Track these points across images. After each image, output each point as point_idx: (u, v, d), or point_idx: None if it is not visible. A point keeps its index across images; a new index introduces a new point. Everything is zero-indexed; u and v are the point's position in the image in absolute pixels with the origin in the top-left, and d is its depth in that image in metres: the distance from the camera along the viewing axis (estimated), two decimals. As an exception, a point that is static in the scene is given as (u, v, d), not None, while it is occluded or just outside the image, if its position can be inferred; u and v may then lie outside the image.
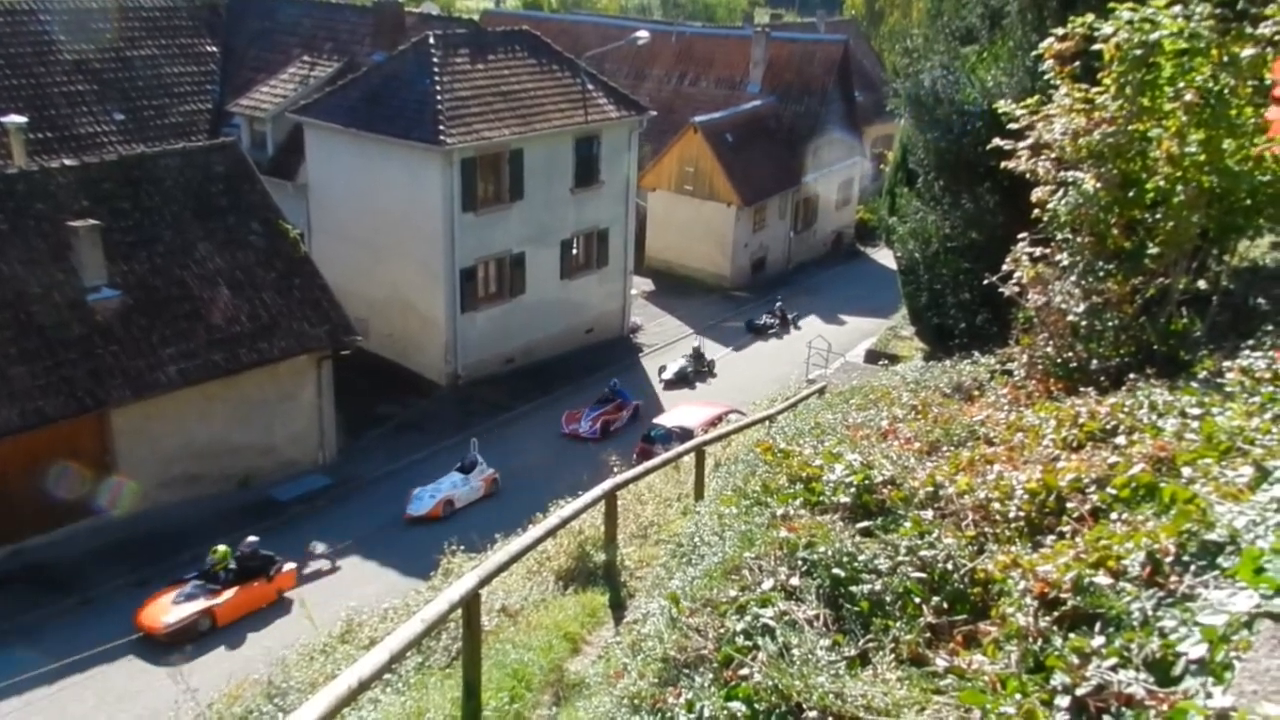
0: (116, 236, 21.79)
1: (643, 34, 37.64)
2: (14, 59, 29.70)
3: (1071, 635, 3.65)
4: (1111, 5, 8.47)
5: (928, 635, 4.19)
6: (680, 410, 26.20)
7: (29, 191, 21.46)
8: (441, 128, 26.73)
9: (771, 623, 4.20)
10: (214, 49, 34.48)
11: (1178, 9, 8.10)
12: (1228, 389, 6.38)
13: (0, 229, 20.66)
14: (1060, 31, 9.03)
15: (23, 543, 19.91)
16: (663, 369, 31.39)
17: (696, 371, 31.29)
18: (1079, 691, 3.27)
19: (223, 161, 24.71)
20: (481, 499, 23.22)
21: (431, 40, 28.58)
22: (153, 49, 32.92)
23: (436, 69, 27.83)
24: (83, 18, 31.87)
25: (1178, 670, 3.19)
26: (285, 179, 30.72)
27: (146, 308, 21.60)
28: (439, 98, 27.28)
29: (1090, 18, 8.62)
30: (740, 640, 4.18)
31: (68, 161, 23.04)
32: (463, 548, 12.89)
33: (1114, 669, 3.30)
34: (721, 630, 4.36)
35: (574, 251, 31.95)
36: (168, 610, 18.09)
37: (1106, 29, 8.36)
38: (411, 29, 32.40)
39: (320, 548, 20.58)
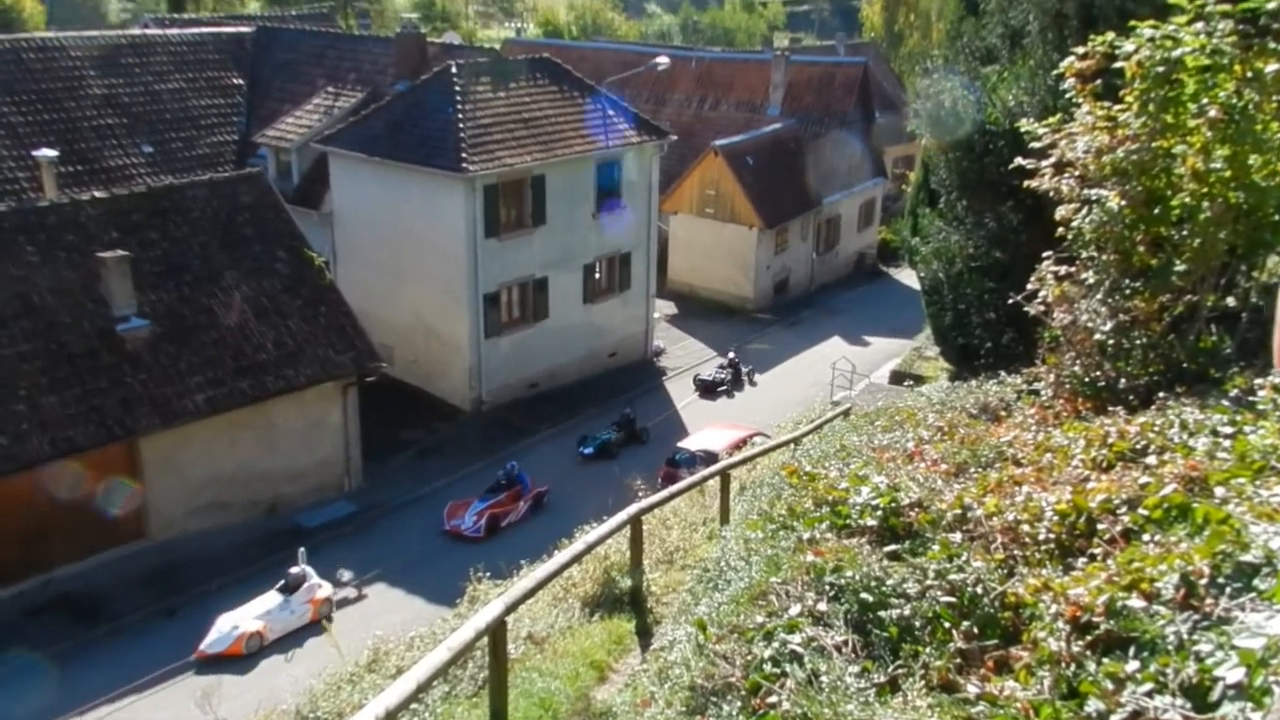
0: (145, 266, 22.10)
1: (663, 60, 37.89)
2: (45, 94, 30.31)
3: (1105, 660, 3.59)
4: (1132, 23, 8.44)
5: (958, 661, 4.13)
6: (705, 433, 26.08)
7: (60, 223, 21.83)
8: (464, 155, 26.98)
9: (799, 649, 4.16)
10: (240, 81, 35.05)
11: (1199, 26, 8.06)
12: (1260, 406, 6.30)
13: (31, 260, 21.01)
14: (1081, 50, 9.00)
15: (53, 572, 20.08)
16: (583, 440, 27.11)
17: (621, 442, 26.95)
18: (1114, 718, 3.22)
19: (249, 191, 25.03)
20: (307, 626, 18.84)
21: (454, 69, 28.90)
22: (180, 82, 33.51)
23: (459, 97, 28.12)
24: (112, 53, 32.53)
25: (1215, 695, 3.14)
26: (310, 208, 31.07)
27: (174, 336, 21.86)
28: (461, 125, 27.54)
29: (1111, 36, 8.60)
30: (768, 667, 4.14)
31: (97, 193, 23.43)
32: (489, 574, 12.88)
33: (1150, 694, 3.25)
34: (749, 657, 4.32)
35: (596, 275, 32.06)
36: None
37: (1128, 47, 8.33)
38: (434, 59, 32.80)
39: (347, 576, 20.53)
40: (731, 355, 33.26)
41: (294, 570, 19.39)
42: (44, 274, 20.99)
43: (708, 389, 31.70)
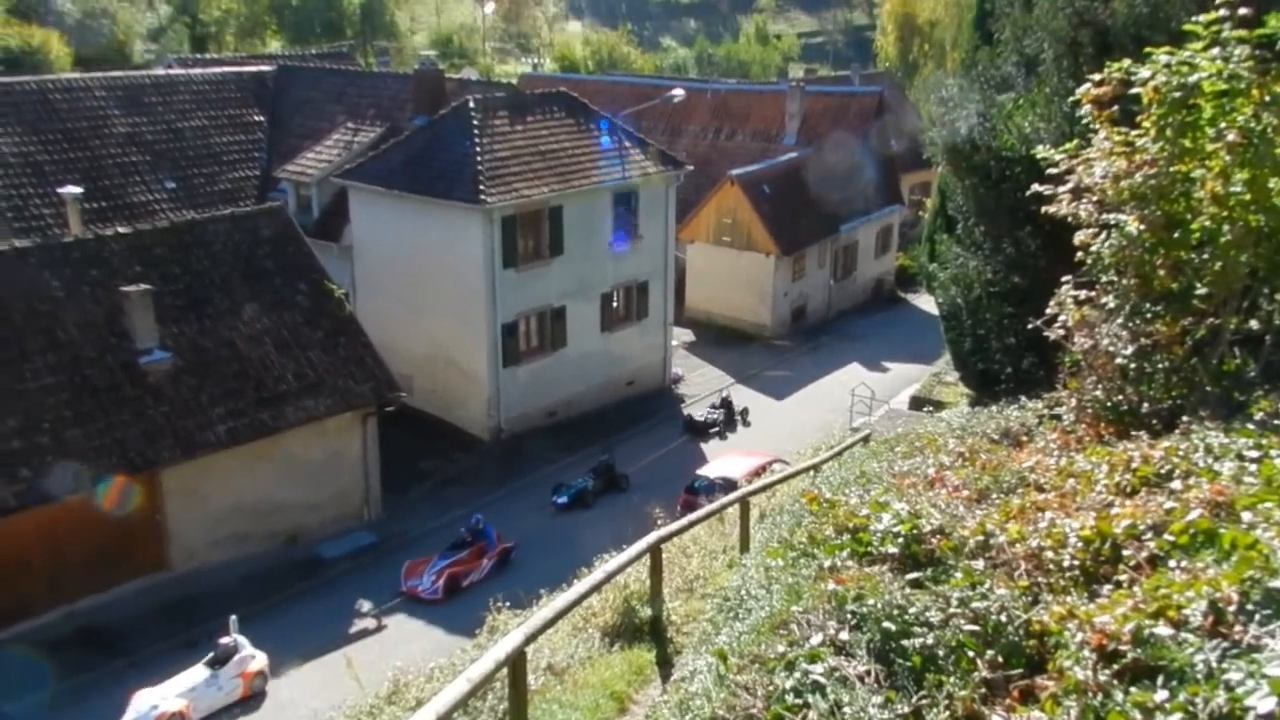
0: (167, 300, 22.34)
1: (678, 92, 38.15)
2: (71, 133, 30.82)
3: (1133, 689, 3.54)
4: (1148, 50, 8.44)
5: (983, 691, 4.08)
6: (723, 461, 26.00)
7: (84, 259, 22.12)
8: (482, 187, 27.20)
9: (821, 679, 4.12)
10: (261, 118, 35.53)
11: (1216, 51, 8.05)
12: (1286, 431, 6.22)
13: (57, 295, 21.28)
14: (1097, 77, 9.01)
15: (75, 605, 20.16)
16: (557, 488, 25.84)
17: (599, 490, 25.76)
18: (1143, 748, 3.17)
19: (270, 225, 25.31)
20: (237, 703, 17.68)
21: (471, 104, 29.21)
22: (203, 120, 34.01)
23: (476, 131, 28.39)
24: (136, 93, 33.08)
25: (1247, 725, 3.08)
26: (330, 241, 31.35)
27: (196, 369, 22.04)
28: (479, 158, 27.79)
29: (1127, 62, 8.60)
30: (790, 698, 4.10)
31: (121, 229, 23.73)
32: (509, 604, 12.85)
33: (1179, 724, 3.19)
34: (770, 688, 4.28)
35: (614, 304, 32.17)
36: None
37: (1144, 73, 8.32)
38: (452, 94, 33.14)
39: (366, 607, 20.50)
40: (724, 394, 32.21)
41: (224, 641, 17.69)
42: (68, 308, 21.25)
43: (698, 430, 30.18)
